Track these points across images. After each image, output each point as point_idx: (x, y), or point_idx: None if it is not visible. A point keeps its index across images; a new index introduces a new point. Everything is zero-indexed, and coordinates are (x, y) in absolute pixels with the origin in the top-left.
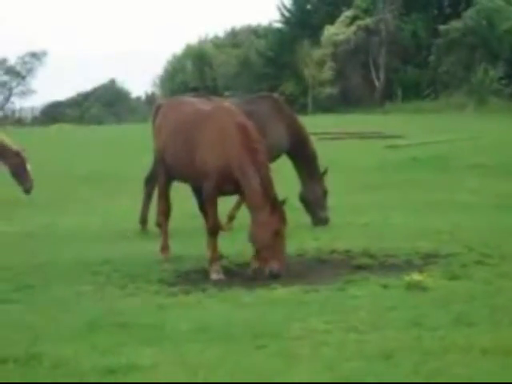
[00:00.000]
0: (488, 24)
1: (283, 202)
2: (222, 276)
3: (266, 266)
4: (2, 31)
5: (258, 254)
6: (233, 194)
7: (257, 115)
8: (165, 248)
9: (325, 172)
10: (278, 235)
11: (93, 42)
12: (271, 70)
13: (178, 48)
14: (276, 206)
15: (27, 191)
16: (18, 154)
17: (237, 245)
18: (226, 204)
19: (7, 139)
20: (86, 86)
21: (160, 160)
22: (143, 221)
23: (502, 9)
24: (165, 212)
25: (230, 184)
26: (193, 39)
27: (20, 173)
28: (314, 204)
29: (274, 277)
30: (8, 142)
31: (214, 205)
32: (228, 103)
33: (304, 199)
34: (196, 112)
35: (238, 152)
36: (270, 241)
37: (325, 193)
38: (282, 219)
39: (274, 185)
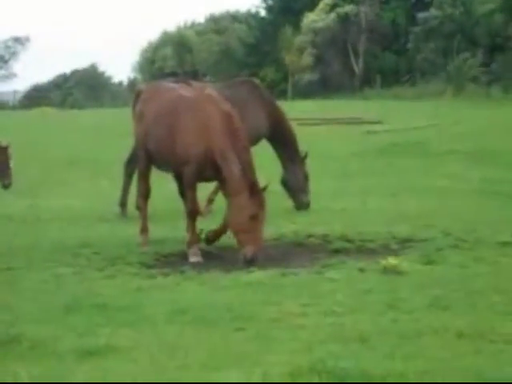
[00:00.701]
0: (465, 11)
1: (264, 188)
2: (200, 259)
3: (241, 251)
4: None
5: (235, 237)
6: (212, 180)
7: (235, 99)
8: (144, 230)
9: (305, 156)
10: (256, 220)
11: (75, 28)
12: (252, 57)
13: (156, 34)
14: (255, 191)
15: (6, 187)
16: (5, 150)
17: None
18: (204, 190)
19: None
20: (67, 70)
21: (141, 145)
22: (123, 204)
23: None
24: (145, 195)
25: (210, 169)
26: (171, 25)
27: (2, 169)
28: (296, 188)
29: (248, 262)
30: None
31: (194, 189)
32: (210, 89)
33: (285, 183)
34: (179, 98)
35: (219, 137)
36: (246, 225)
37: (306, 177)
38: (261, 204)
39: (255, 170)
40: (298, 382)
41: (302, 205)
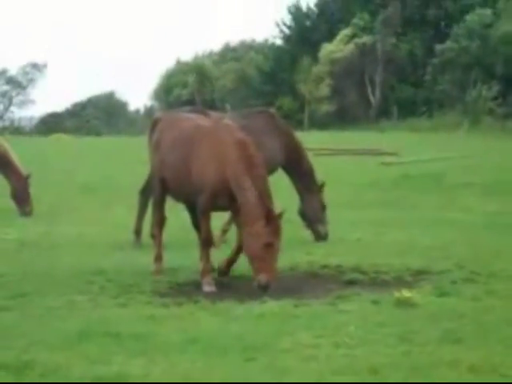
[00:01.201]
0: (482, 43)
1: (280, 215)
2: (214, 288)
3: (255, 278)
4: (4, 41)
5: (250, 264)
6: (227, 209)
7: (251, 129)
8: (158, 259)
9: (322, 186)
10: (271, 248)
11: (92, 55)
12: (269, 86)
13: (172, 62)
14: (271, 219)
15: (27, 214)
16: (26, 179)
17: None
18: (219, 220)
19: (17, 159)
20: (84, 97)
21: (157, 174)
22: (137, 231)
23: (492, 20)
24: (160, 223)
25: (225, 198)
26: (187, 54)
27: (24, 197)
28: (313, 219)
29: (262, 289)
30: (18, 163)
31: (208, 218)
32: (226, 119)
33: (302, 214)
34: (195, 127)
35: (234, 164)
36: (261, 252)
37: (323, 207)
38: (276, 232)
39: (272, 198)
40: None
41: (319, 235)
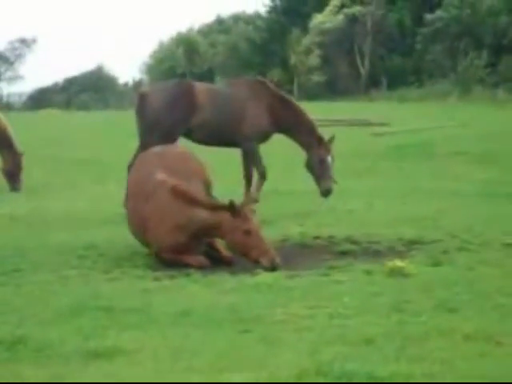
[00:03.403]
0: (472, 12)
1: (232, 205)
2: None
3: (261, 266)
4: None
5: (247, 258)
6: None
7: (236, 97)
8: None
9: (331, 140)
10: (249, 233)
11: (81, 28)
12: (259, 57)
13: (164, 35)
14: (234, 210)
15: (16, 190)
16: (20, 157)
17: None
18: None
19: (14, 136)
20: (74, 72)
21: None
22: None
23: None
24: None
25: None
26: (180, 27)
27: (16, 174)
28: (318, 173)
29: (273, 269)
30: (14, 140)
31: None
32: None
33: (309, 168)
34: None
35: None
36: (245, 241)
37: (324, 161)
38: (245, 218)
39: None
40: (304, 383)
41: (323, 190)
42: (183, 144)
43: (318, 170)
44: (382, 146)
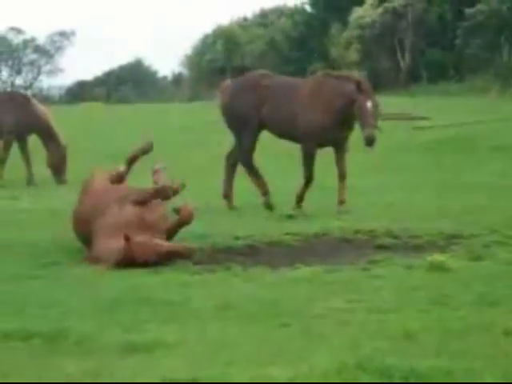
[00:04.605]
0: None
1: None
2: None
3: None
4: (31, 10)
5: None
6: None
7: None
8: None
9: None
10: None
11: (120, 21)
12: (298, 52)
13: (207, 28)
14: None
15: (62, 183)
16: (64, 149)
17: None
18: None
19: (57, 129)
20: (113, 64)
21: None
22: (227, 196)
23: None
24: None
25: None
26: (221, 20)
27: (61, 166)
28: (362, 121)
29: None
30: (58, 132)
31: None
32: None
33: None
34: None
35: None
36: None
37: (372, 104)
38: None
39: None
40: (344, 378)
41: (365, 138)
42: None
43: (358, 117)
44: (422, 140)
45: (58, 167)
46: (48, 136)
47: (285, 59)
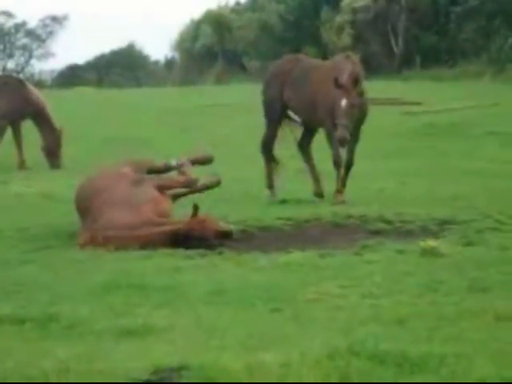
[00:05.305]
0: None
1: None
2: None
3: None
4: None
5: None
6: None
7: None
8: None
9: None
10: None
11: (112, 5)
12: (292, 33)
13: (195, 13)
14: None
15: (56, 167)
16: (60, 133)
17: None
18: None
19: (51, 113)
20: (105, 49)
21: None
22: (270, 186)
23: None
24: None
25: None
26: (211, 5)
27: (55, 151)
28: None
29: None
30: (52, 117)
31: None
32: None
33: None
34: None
35: None
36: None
37: (347, 104)
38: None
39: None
40: (336, 363)
41: (338, 139)
42: None
43: (334, 113)
44: (414, 125)
45: (52, 151)
46: (43, 120)
47: (279, 41)
